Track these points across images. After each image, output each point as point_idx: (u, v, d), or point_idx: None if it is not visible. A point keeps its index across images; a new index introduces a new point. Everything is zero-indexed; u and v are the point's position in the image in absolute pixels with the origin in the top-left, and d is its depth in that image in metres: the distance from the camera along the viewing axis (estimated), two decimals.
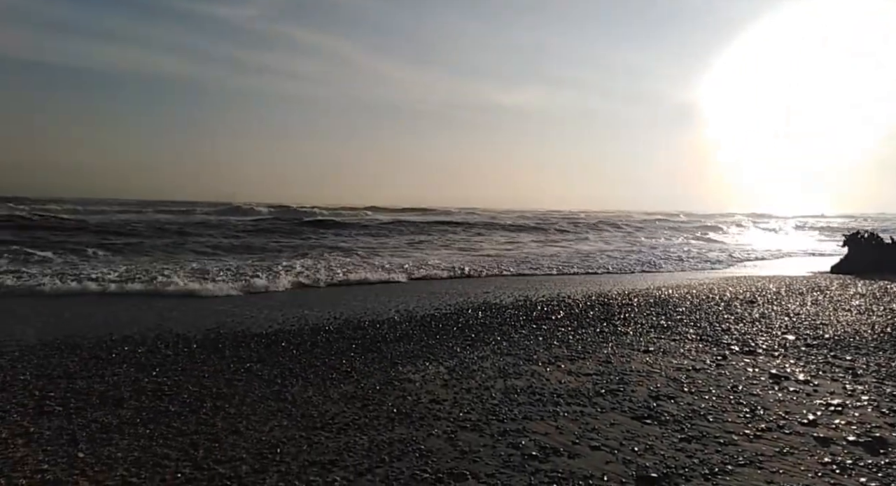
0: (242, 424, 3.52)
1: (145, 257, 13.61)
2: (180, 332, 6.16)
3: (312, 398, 4.04)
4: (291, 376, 4.59)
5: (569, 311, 7.79)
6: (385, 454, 3.12)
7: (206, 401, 3.92)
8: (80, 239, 16.22)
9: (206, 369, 4.75)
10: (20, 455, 2.99)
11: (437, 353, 5.45)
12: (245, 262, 12.82)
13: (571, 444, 3.28)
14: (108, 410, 3.71)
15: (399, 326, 6.66)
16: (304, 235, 21.39)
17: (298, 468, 2.94)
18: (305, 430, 3.45)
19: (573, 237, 26.34)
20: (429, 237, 22.89)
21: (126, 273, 10.26)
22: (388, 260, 13.91)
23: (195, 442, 3.23)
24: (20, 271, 10.15)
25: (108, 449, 3.10)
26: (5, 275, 9.62)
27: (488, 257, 16.05)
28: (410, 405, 3.92)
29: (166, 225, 22.10)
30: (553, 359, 5.23)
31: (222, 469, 2.89)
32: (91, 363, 4.83)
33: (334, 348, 5.52)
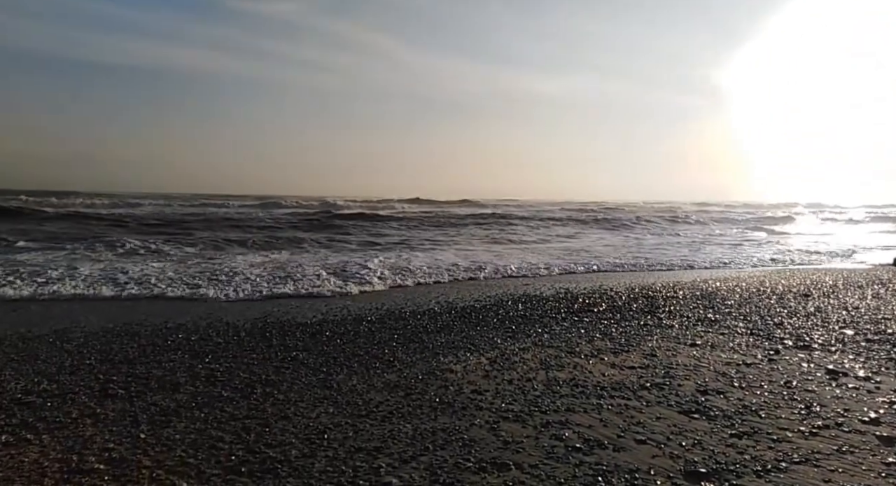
0: (291, 410, 3.64)
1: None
2: (230, 321, 6.39)
3: (357, 387, 4.12)
4: (336, 364, 4.70)
5: (611, 303, 7.66)
6: (429, 442, 3.17)
7: (256, 387, 4.06)
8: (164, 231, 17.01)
9: (255, 356, 4.92)
10: (89, 434, 3.18)
11: (477, 344, 5.46)
12: (332, 258, 12.28)
13: (616, 437, 3.24)
14: (165, 394, 3.90)
15: (440, 317, 6.71)
16: (362, 231, 21.23)
17: (345, 453, 3.01)
18: (351, 417, 3.53)
19: (659, 231, 25.13)
20: (492, 232, 22.28)
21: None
22: (465, 256, 13.28)
23: (247, 426, 3.35)
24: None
25: (167, 431, 3.26)
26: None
27: (588, 253, 14.78)
28: (453, 395, 3.95)
29: (248, 221, 22.61)
30: (596, 352, 5.17)
31: (273, 453, 3.00)
32: (149, 350, 5.08)
33: (376, 338, 5.62)
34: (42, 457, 2.88)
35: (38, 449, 2.97)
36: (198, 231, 18.55)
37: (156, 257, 12.17)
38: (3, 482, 2.61)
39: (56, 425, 3.31)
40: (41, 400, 3.71)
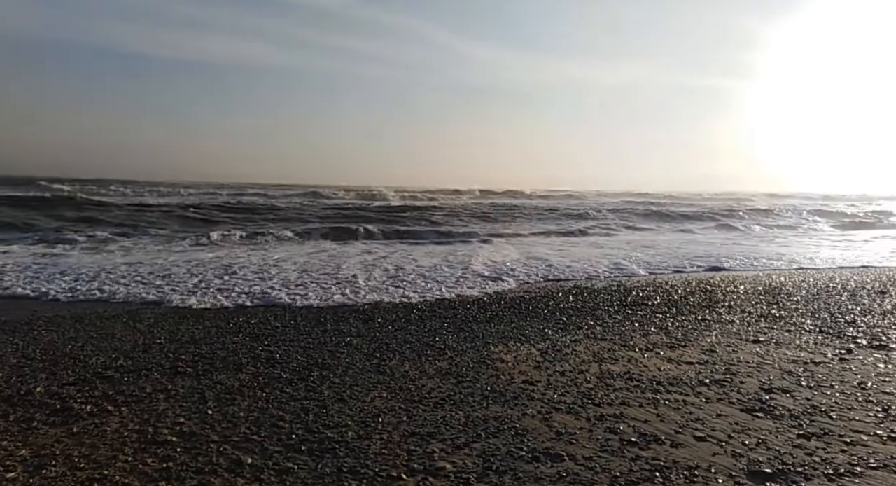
0: (346, 393, 3.75)
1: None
2: (287, 304, 6.62)
3: (409, 373, 4.19)
4: (388, 350, 4.79)
5: (666, 297, 7.43)
6: (481, 429, 3.19)
7: (313, 370, 4.20)
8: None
9: (310, 341, 5.08)
10: (162, 408, 3.39)
11: (528, 335, 5.44)
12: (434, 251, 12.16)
13: (674, 433, 3.16)
14: (229, 373, 4.09)
15: (489, 307, 6.71)
16: (436, 223, 21.04)
17: (399, 437, 3.08)
18: (404, 402, 3.60)
19: (769, 224, 23.32)
20: (581, 223, 21.57)
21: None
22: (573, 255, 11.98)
23: (305, 407, 3.48)
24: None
25: (231, 408, 3.43)
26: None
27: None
28: (504, 385, 3.95)
29: (331, 210, 23.09)
30: (651, 346, 5.03)
31: (330, 434, 3.10)
32: (213, 331, 5.34)
33: (427, 326, 5.68)
34: (122, 427, 3.10)
35: (118, 420, 3.20)
36: (284, 221, 19.09)
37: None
38: (90, 449, 2.82)
39: (133, 398, 3.54)
40: (119, 375, 3.98)
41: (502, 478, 2.64)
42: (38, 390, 3.62)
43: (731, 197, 54.71)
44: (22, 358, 4.33)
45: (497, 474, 2.68)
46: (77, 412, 3.30)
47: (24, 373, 3.97)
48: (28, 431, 3.02)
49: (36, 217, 17.12)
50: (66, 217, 17.66)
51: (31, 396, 3.52)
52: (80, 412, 3.30)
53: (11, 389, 3.65)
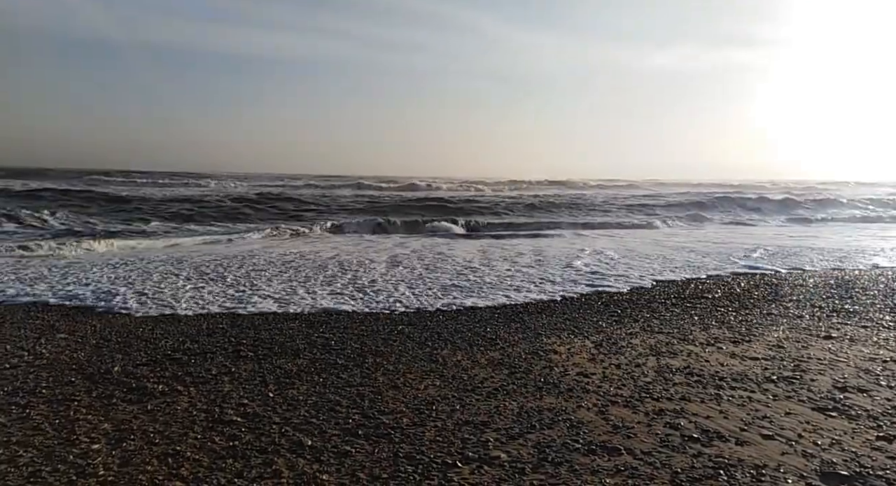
0: (400, 380, 3.80)
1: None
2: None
3: (461, 362, 4.21)
4: (440, 340, 4.83)
5: (727, 290, 7.12)
6: (535, 421, 3.16)
7: (367, 357, 4.29)
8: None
9: (363, 328, 5.18)
10: (227, 390, 3.55)
11: (581, 327, 5.34)
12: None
13: (739, 430, 3.02)
14: (287, 358, 4.24)
15: (540, 298, 6.63)
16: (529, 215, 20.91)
17: (453, 425, 3.10)
18: (457, 391, 3.62)
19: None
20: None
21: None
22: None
23: (361, 393, 3.56)
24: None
25: (291, 392, 3.55)
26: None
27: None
28: (557, 376, 3.90)
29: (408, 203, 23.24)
30: (712, 340, 4.84)
31: (386, 420, 3.16)
32: (271, 317, 5.54)
33: (478, 316, 5.68)
34: (191, 406, 3.27)
35: (187, 400, 3.37)
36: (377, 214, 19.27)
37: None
38: (164, 425, 3.00)
39: (200, 379, 3.73)
40: (186, 357, 4.20)
41: (558, 469, 2.62)
42: (115, 369, 3.86)
43: (803, 185, 51.40)
44: (100, 340, 4.64)
45: (553, 465, 2.65)
46: (150, 390, 3.50)
47: (103, 353, 4.25)
48: (109, 407, 3.23)
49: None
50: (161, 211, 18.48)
51: (110, 375, 3.77)
52: (153, 390, 3.50)
53: (93, 367, 3.91)
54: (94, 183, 31.17)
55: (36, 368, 3.88)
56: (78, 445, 2.75)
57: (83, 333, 4.84)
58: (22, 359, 4.07)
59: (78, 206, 18.38)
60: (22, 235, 12.45)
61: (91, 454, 2.67)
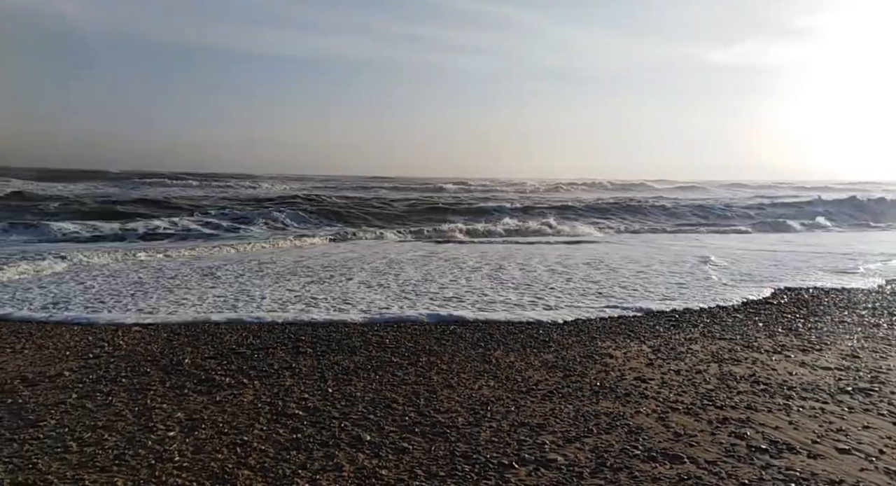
0: (454, 380, 3.83)
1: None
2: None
3: (515, 364, 4.20)
4: (492, 341, 4.83)
5: (795, 296, 6.76)
6: (592, 425, 3.12)
7: (421, 356, 4.35)
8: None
9: (416, 328, 5.25)
10: (288, 384, 3.69)
11: (637, 331, 5.22)
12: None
13: (811, 443, 2.88)
14: (344, 355, 4.35)
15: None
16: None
17: (508, 426, 3.10)
18: (511, 392, 3.61)
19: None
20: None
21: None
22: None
23: (416, 391, 3.61)
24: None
25: (349, 388, 3.65)
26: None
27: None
28: (614, 381, 3.83)
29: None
30: (779, 348, 4.62)
31: (441, 418, 3.19)
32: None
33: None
34: (256, 399, 3.42)
35: (252, 392, 3.53)
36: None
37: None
38: (231, 416, 3.15)
39: (263, 373, 3.89)
40: (250, 351, 4.38)
41: (617, 475, 2.57)
42: (186, 361, 4.09)
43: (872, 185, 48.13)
44: (171, 333, 4.91)
45: (612, 470, 2.61)
46: (218, 382, 3.68)
47: (174, 346, 4.50)
48: (181, 397, 3.43)
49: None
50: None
51: (181, 366, 3.99)
52: (221, 382, 3.68)
53: (165, 359, 4.15)
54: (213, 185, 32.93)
55: (115, 358, 4.16)
56: (155, 431, 2.93)
57: (154, 326, 5.14)
58: (103, 350, 4.37)
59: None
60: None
61: (167, 440, 2.83)
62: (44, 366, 3.94)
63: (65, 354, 4.24)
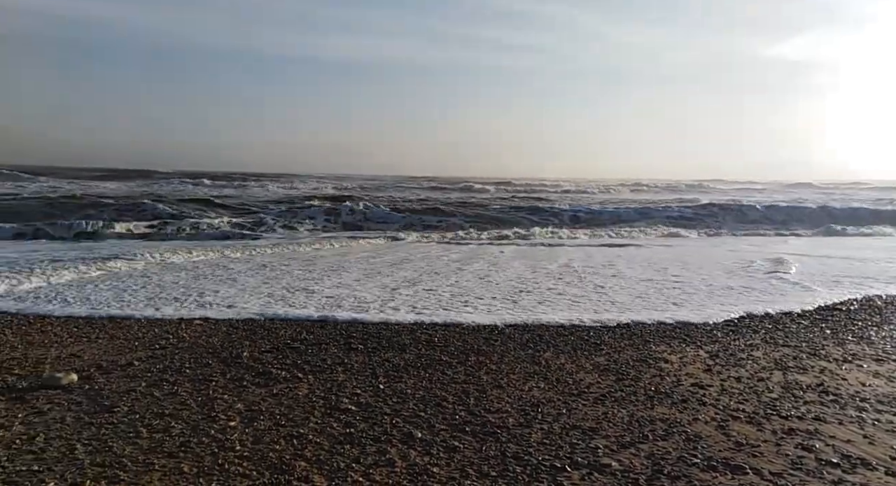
0: (504, 380, 3.82)
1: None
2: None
3: (565, 366, 4.14)
4: (542, 342, 4.78)
5: (867, 302, 6.35)
6: (647, 430, 3.03)
7: (469, 355, 4.35)
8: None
9: (464, 327, 5.26)
10: (341, 380, 3.77)
11: (693, 335, 5.04)
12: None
13: (890, 459, 2.70)
14: (394, 352, 4.41)
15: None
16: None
17: (560, 429, 3.06)
18: (562, 395, 3.56)
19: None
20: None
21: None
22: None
23: (466, 390, 3.62)
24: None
25: (399, 385, 3.70)
26: None
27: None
28: (669, 386, 3.72)
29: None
30: (849, 357, 4.35)
31: (492, 418, 3.19)
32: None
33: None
34: (310, 393, 3.51)
35: (306, 386, 3.63)
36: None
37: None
38: (288, 409, 3.25)
39: (317, 368, 3.99)
40: (304, 347, 4.51)
41: (675, 484, 2.49)
42: (244, 354, 4.25)
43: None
44: (230, 327, 5.12)
45: (669, 478, 2.53)
46: (275, 376, 3.81)
47: (233, 340, 4.69)
48: (240, 388, 3.57)
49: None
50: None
51: (240, 359, 4.15)
52: (277, 376, 3.80)
53: (225, 352, 4.33)
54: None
55: (179, 350, 4.37)
56: (217, 421, 3.06)
57: (215, 320, 5.37)
58: (168, 341, 4.60)
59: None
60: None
61: (228, 430, 2.96)
62: (116, 355, 4.19)
63: (134, 344, 4.50)
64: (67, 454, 2.64)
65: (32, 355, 4.13)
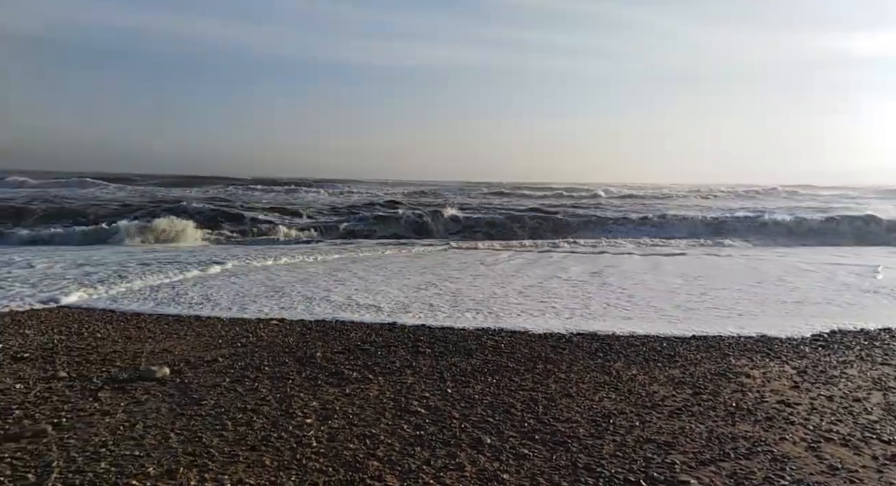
0: (573, 389, 3.75)
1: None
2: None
3: (637, 377, 4.01)
4: (612, 351, 4.65)
5: None
6: (729, 448, 2.88)
7: (537, 363, 4.31)
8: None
9: (530, 334, 5.21)
10: (409, 382, 3.84)
11: (777, 349, 4.73)
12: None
13: None
14: (461, 357, 4.44)
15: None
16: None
17: (633, 442, 2.96)
18: (635, 407, 3.45)
19: None
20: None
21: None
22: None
23: (534, 398, 3.58)
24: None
25: (467, 390, 3.72)
26: None
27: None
28: (752, 403, 3.51)
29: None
30: None
31: (561, 427, 3.14)
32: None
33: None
34: (381, 394, 3.60)
35: (377, 388, 3.73)
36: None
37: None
38: (360, 409, 3.35)
39: (386, 370, 4.09)
40: (373, 349, 4.63)
41: None
42: (318, 354, 4.42)
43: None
44: (304, 328, 5.34)
45: None
46: (347, 376, 3.94)
47: (307, 340, 4.90)
48: (315, 387, 3.72)
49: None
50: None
51: (314, 359, 4.33)
52: (349, 376, 3.93)
53: (300, 351, 4.53)
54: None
55: (258, 348, 4.62)
56: (295, 417, 3.21)
57: (289, 321, 5.63)
58: (248, 340, 4.87)
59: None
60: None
61: (305, 426, 3.09)
62: (202, 351, 4.48)
63: (217, 342, 4.79)
64: (163, 442, 2.86)
65: (130, 350, 4.49)
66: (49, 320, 5.44)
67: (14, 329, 5.04)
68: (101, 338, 4.84)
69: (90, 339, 4.80)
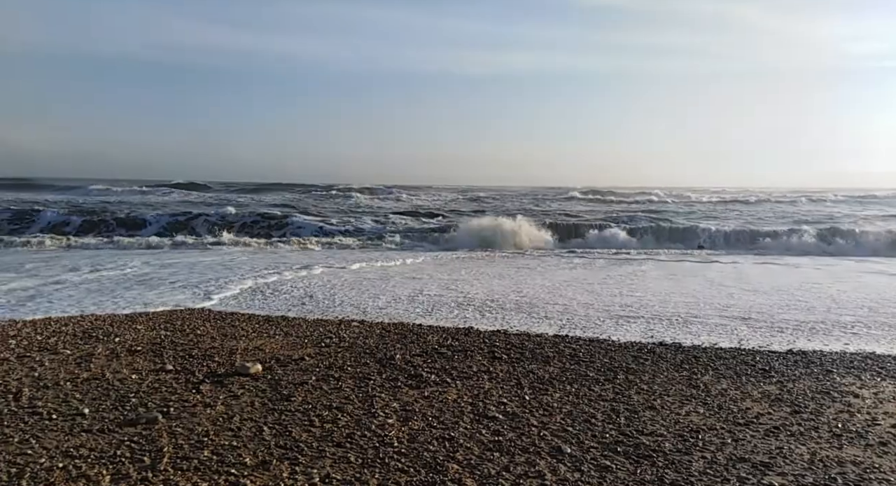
0: (657, 402, 3.60)
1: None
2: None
3: (728, 391, 3.79)
4: (698, 364, 4.42)
5: None
6: (835, 472, 2.66)
7: (618, 373, 4.18)
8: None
9: (610, 344, 5.06)
10: (487, 388, 3.86)
11: (889, 368, 4.30)
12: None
13: None
14: (538, 364, 4.40)
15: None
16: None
17: (725, 460, 2.80)
18: (726, 423, 3.26)
19: None
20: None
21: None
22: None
23: (615, 409, 3.48)
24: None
25: (545, 398, 3.68)
26: None
27: None
28: (862, 425, 3.21)
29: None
30: None
31: (646, 441, 3.03)
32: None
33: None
34: (458, 399, 3.65)
35: (454, 392, 3.78)
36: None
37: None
38: (438, 411, 3.41)
39: (463, 375, 4.13)
40: (450, 353, 4.70)
41: None
42: (397, 356, 4.55)
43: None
44: (383, 330, 5.51)
45: None
46: (425, 379, 4.02)
47: (386, 343, 5.04)
48: (395, 388, 3.83)
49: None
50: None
51: (394, 361, 4.45)
52: (428, 379, 4.01)
53: (380, 353, 4.68)
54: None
55: (341, 349, 4.82)
56: (377, 417, 3.32)
57: (370, 323, 5.82)
58: (331, 340, 5.09)
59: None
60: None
61: (387, 426, 3.19)
62: (290, 350, 4.74)
63: (304, 341, 5.05)
64: (257, 434, 3.06)
65: (227, 347, 4.84)
66: (156, 317, 5.97)
67: (128, 324, 5.58)
68: (201, 335, 5.25)
69: (191, 335, 5.22)
